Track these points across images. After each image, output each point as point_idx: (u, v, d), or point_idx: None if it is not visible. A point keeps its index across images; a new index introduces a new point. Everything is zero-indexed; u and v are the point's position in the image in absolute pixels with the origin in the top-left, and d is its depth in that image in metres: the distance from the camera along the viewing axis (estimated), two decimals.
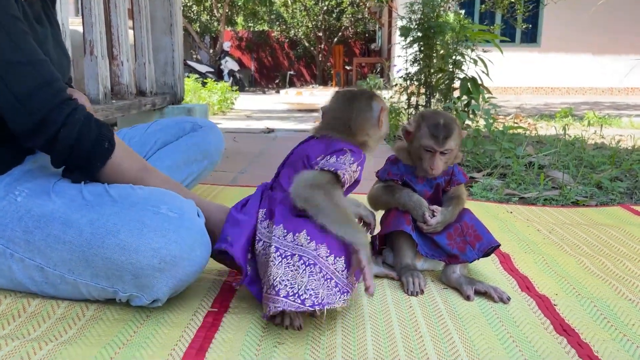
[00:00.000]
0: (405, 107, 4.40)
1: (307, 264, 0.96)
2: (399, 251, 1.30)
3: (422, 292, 1.20)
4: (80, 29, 2.41)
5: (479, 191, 2.27)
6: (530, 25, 10.81)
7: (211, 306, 1.09)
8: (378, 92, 5.31)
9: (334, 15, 16.53)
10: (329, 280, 0.97)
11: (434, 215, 1.23)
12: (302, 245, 0.97)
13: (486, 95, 3.53)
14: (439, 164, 1.23)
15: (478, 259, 1.26)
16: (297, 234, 0.98)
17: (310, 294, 0.94)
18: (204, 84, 7.69)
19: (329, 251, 0.98)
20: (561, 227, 1.76)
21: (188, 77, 7.66)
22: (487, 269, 1.38)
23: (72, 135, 1.02)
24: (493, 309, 1.15)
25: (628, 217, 1.89)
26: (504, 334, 1.04)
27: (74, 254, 0.97)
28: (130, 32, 2.81)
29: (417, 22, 4.05)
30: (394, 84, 4.68)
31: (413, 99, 4.39)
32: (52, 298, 1.08)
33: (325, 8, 16.11)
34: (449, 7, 4.83)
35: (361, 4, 15.71)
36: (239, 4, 16.11)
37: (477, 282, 1.21)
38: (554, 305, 1.17)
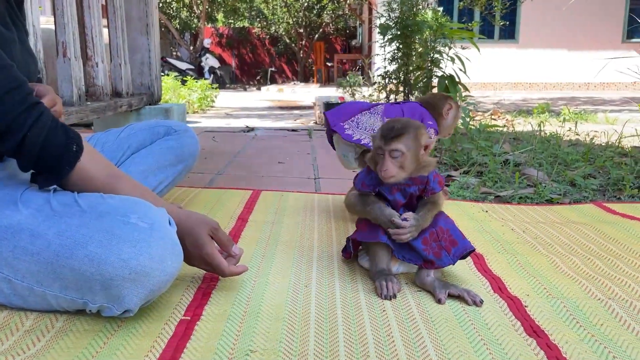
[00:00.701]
0: None
1: None
2: (374, 256, 1.30)
3: (395, 296, 1.20)
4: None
5: (455, 190, 2.29)
6: (508, 22, 10.92)
7: (184, 314, 1.08)
8: (358, 88, 5.32)
9: (314, 12, 16.51)
10: None
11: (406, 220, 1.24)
12: None
13: (463, 93, 3.56)
14: (388, 165, 1.20)
15: (453, 264, 1.27)
16: None
17: None
18: (183, 82, 7.63)
19: None
20: (535, 226, 1.78)
21: (167, 75, 7.59)
22: (460, 270, 1.39)
23: (40, 138, 1.01)
24: (465, 311, 1.16)
25: (600, 215, 1.92)
26: (476, 337, 1.05)
27: (42, 265, 0.96)
28: (105, 32, 2.77)
29: (395, 20, 4.06)
30: (373, 81, 4.69)
31: (392, 97, 4.41)
32: (20, 310, 1.06)
33: (305, 4, 16.08)
34: (428, 5, 4.86)
35: (341, 0, 15.70)
36: (219, 0, 15.99)
37: (451, 285, 1.22)
38: (525, 306, 1.18)
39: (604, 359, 0.97)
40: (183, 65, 12.69)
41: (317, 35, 16.27)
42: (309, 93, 10.64)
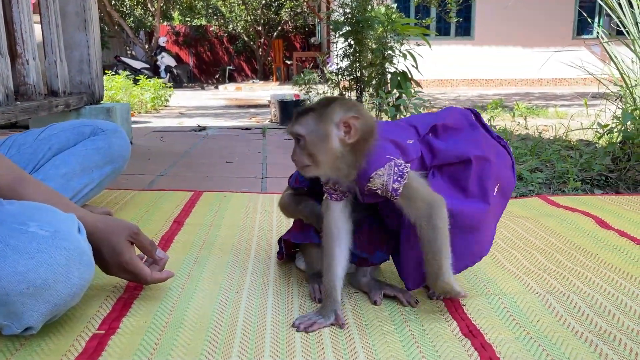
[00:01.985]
0: None
1: None
2: (309, 257, 1.25)
3: None
4: None
5: None
6: (463, 19, 11.08)
7: (97, 328, 1.00)
8: (314, 86, 5.27)
9: (272, 9, 16.36)
10: None
11: None
12: None
13: (415, 89, 3.55)
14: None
15: (387, 259, 1.23)
16: None
17: None
18: (135, 81, 7.41)
19: None
20: None
21: (119, 74, 7.36)
22: None
23: None
24: (401, 312, 1.12)
25: (544, 208, 1.92)
26: (409, 340, 1.01)
27: None
28: (38, 28, 2.63)
29: (346, 16, 4.02)
30: (327, 78, 4.65)
31: (346, 94, 4.38)
32: None
33: (263, 2, 15.91)
34: (382, 1, 4.84)
35: None
36: None
37: (386, 285, 1.18)
38: (463, 305, 1.15)
39: (537, 357, 0.95)
40: (138, 65, 12.36)
41: (275, 33, 16.13)
42: (267, 91, 10.54)
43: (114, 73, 7.86)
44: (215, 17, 16.93)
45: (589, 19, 10.88)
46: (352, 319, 1.09)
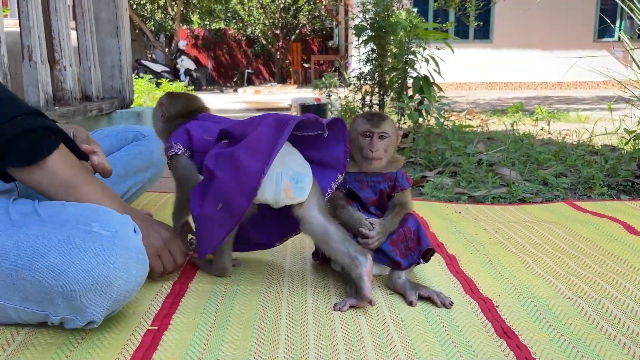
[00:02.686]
0: (360, 106, 4.42)
1: None
2: None
3: None
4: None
5: (430, 190, 2.29)
6: (482, 23, 11.04)
7: (151, 324, 1.06)
8: (334, 90, 5.33)
9: (290, 13, 16.47)
10: None
11: (372, 228, 1.23)
12: None
13: (438, 94, 3.58)
14: (378, 146, 1.27)
15: (419, 261, 1.27)
16: None
17: None
18: (158, 84, 7.54)
19: None
20: (507, 226, 1.80)
21: (141, 77, 7.49)
22: (433, 271, 1.39)
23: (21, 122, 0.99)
24: (437, 313, 1.16)
25: (570, 213, 1.95)
26: (446, 339, 1.05)
27: (1, 277, 0.93)
28: (73, 35, 2.72)
29: (369, 21, 4.07)
30: (348, 82, 4.69)
31: (368, 98, 4.42)
32: None
33: (281, 5, 16.03)
34: (402, 6, 4.86)
35: (317, 1, 15.70)
36: (194, 1, 15.86)
37: (421, 287, 1.22)
38: (496, 307, 1.19)
39: (572, 358, 0.98)
40: (158, 68, 12.54)
41: (293, 37, 16.23)
42: (286, 94, 10.63)
43: (136, 76, 7.99)
44: (233, 20, 17.10)
45: (611, 24, 10.77)
46: (390, 319, 1.13)
